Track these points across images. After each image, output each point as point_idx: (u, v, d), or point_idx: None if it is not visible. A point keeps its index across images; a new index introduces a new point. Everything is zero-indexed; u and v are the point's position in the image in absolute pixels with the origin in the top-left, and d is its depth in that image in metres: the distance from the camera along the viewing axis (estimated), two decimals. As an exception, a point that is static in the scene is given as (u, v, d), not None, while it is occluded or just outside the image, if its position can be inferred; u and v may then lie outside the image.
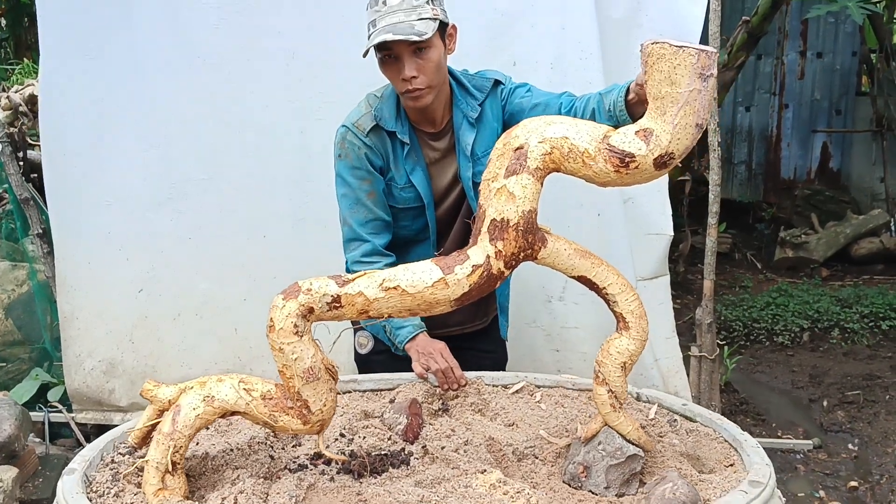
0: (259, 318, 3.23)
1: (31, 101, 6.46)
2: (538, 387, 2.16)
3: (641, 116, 1.50)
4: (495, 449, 1.80)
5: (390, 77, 2.13)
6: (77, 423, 3.55)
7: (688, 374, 3.23)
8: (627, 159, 1.45)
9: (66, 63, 3.21)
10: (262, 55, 3.11)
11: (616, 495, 1.64)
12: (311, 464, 1.68)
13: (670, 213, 3.13)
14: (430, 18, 2.03)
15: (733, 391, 4.36)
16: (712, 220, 3.14)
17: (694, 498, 1.51)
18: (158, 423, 1.58)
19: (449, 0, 2.15)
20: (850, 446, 3.92)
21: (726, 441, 1.88)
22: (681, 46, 1.40)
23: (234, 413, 1.54)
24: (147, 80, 3.18)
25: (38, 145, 5.37)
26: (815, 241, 6.56)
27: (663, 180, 3.13)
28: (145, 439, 1.65)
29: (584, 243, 3.31)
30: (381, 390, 2.14)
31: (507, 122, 2.26)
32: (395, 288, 1.48)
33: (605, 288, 1.62)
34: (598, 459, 1.65)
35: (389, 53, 2.06)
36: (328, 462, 1.68)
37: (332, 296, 1.48)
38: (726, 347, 4.64)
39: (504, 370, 2.52)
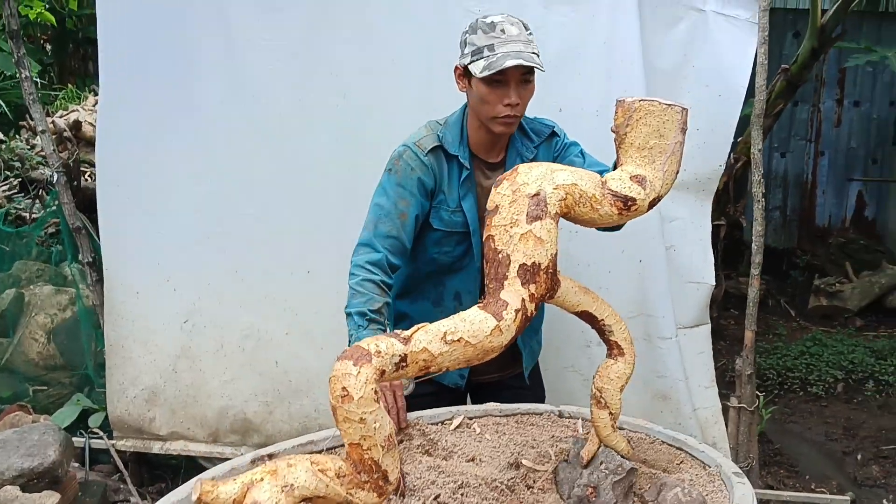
0: (300, 352, 3.31)
1: (76, 126, 6.61)
2: (470, 418, 2.16)
3: None
4: (492, 486, 1.78)
5: (491, 100, 2.17)
6: (116, 451, 3.59)
7: (726, 425, 3.21)
8: (630, 202, 1.58)
9: (123, 98, 3.29)
10: (314, 95, 3.17)
11: None
12: None
13: (712, 261, 3.12)
14: (537, 54, 2.15)
15: (767, 441, 4.32)
16: (755, 270, 3.12)
17: (702, 499, 1.60)
18: None
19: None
20: (885, 502, 3.87)
21: (665, 443, 1.96)
22: (669, 105, 1.56)
23: (309, 499, 1.37)
24: (201, 116, 3.26)
25: (87, 172, 5.50)
26: (849, 290, 6.51)
27: (706, 228, 3.13)
28: None
29: (625, 290, 3.30)
30: (339, 447, 1.95)
31: None
32: (458, 340, 1.47)
33: (602, 320, 1.71)
34: (603, 478, 1.71)
35: (501, 78, 2.14)
36: None
37: (399, 356, 1.41)
38: (762, 397, 4.60)
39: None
